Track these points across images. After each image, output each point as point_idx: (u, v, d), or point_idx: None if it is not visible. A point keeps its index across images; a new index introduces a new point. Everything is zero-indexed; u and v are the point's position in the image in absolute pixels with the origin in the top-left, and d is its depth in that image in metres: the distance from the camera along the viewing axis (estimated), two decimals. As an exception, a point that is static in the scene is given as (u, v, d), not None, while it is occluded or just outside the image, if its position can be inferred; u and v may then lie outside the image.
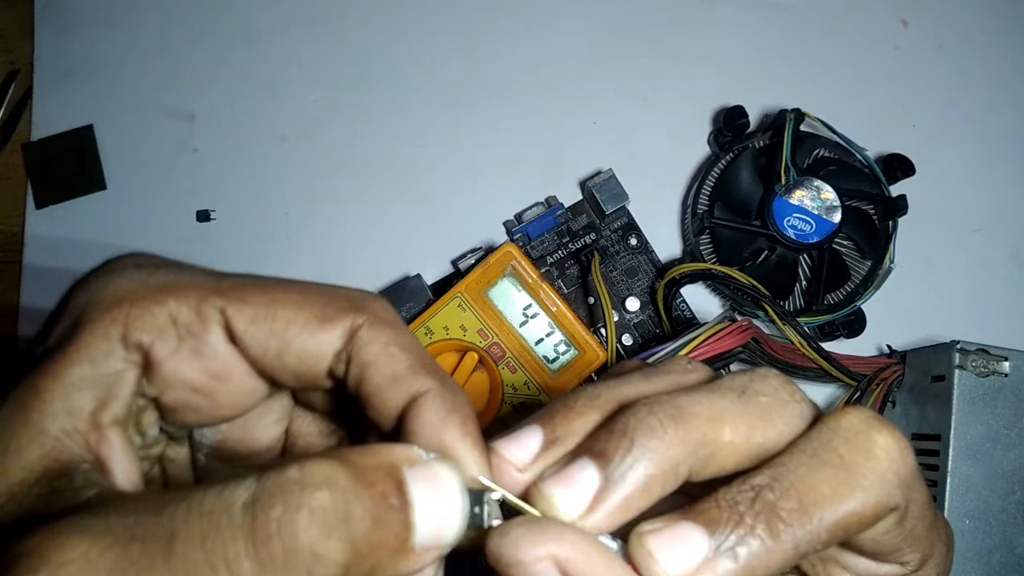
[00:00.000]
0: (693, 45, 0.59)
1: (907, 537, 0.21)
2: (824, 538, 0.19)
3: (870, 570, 0.23)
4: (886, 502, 0.20)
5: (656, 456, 0.19)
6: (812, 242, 0.51)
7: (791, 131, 0.52)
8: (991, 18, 0.62)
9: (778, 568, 0.19)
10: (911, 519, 0.21)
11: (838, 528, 0.19)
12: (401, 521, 0.17)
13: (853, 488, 0.19)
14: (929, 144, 0.57)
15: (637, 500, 0.19)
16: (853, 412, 0.21)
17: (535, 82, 0.58)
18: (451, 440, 0.20)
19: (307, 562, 0.16)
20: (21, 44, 0.57)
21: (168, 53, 0.57)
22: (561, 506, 0.18)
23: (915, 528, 0.21)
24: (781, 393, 0.21)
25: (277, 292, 0.21)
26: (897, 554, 0.22)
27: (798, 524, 0.19)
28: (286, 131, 0.56)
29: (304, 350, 0.21)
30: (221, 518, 0.16)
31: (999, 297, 0.56)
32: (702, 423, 0.19)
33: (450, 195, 0.55)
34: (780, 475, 0.19)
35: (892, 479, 0.20)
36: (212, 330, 0.21)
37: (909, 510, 0.21)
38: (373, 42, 0.58)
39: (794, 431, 0.21)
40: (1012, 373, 0.45)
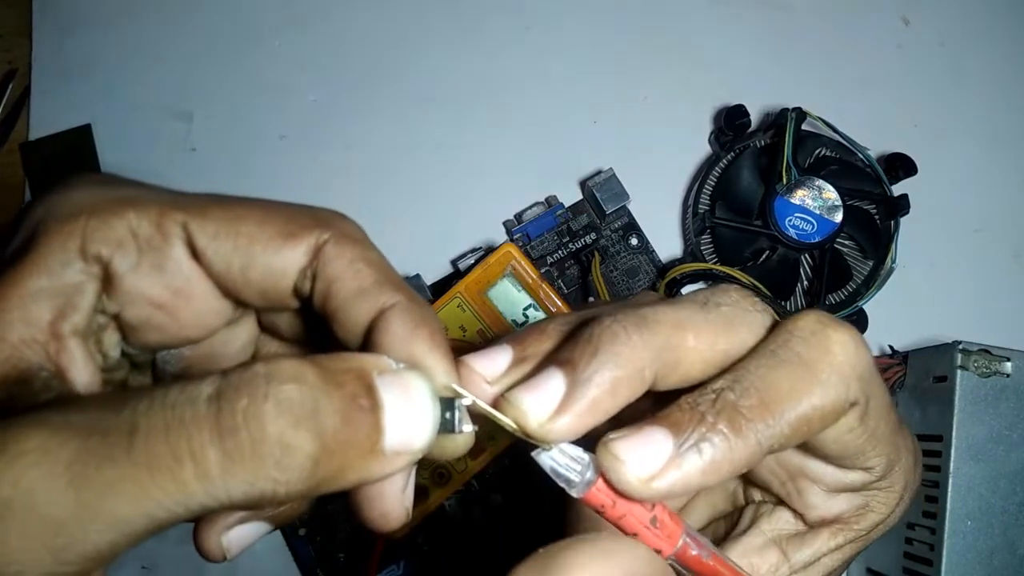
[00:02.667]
0: (694, 45, 0.59)
1: (870, 438, 0.21)
2: (787, 433, 0.19)
3: (837, 479, 0.23)
4: (845, 396, 0.20)
5: (621, 359, 0.19)
6: (814, 242, 0.50)
7: (792, 130, 0.52)
8: (993, 18, 0.62)
9: (743, 464, 0.19)
10: (872, 417, 0.21)
11: (800, 423, 0.19)
12: (371, 423, 0.17)
13: (812, 383, 0.19)
14: (931, 144, 0.57)
15: (604, 403, 0.19)
16: (808, 313, 0.21)
17: (535, 82, 0.58)
18: (420, 351, 0.20)
19: (275, 453, 0.16)
20: (19, 43, 0.57)
21: (166, 53, 0.57)
22: (529, 410, 0.18)
23: (878, 428, 0.21)
24: (742, 303, 0.21)
25: (240, 208, 0.21)
26: (862, 457, 0.22)
27: (760, 419, 0.19)
28: (285, 131, 0.56)
29: (268, 266, 0.21)
30: (185, 411, 0.16)
31: (1001, 297, 0.56)
32: (665, 329, 0.20)
33: (450, 195, 0.55)
34: (740, 376, 0.19)
35: (850, 373, 0.20)
36: (174, 244, 0.20)
37: (870, 406, 0.21)
38: (372, 42, 0.58)
39: (756, 338, 0.21)
40: (1014, 373, 0.45)
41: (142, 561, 0.50)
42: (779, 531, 0.24)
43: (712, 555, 0.20)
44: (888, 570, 0.48)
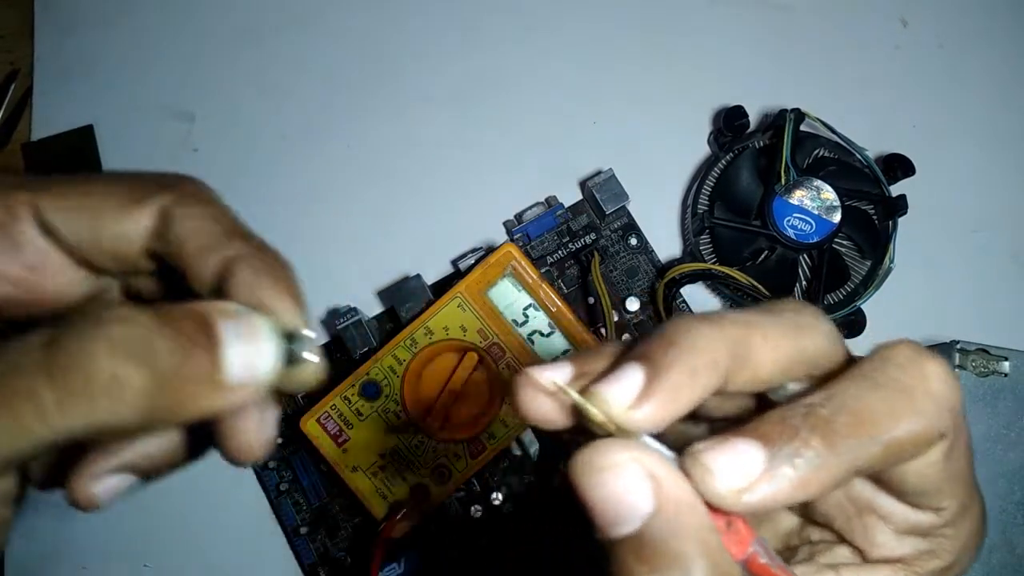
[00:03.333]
0: (693, 45, 0.59)
1: (950, 476, 0.21)
2: (879, 455, 0.19)
3: (907, 518, 0.22)
4: (938, 426, 0.20)
5: (696, 349, 0.19)
6: (812, 242, 0.51)
7: (791, 131, 0.52)
8: (991, 18, 0.62)
9: (834, 482, 0.18)
10: (956, 454, 0.21)
11: (893, 446, 0.19)
12: (209, 357, 0.18)
13: (908, 408, 0.19)
14: (929, 144, 0.57)
15: (684, 390, 0.18)
16: (905, 343, 0.20)
17: (535, 82, 0.58)
18: (265, 295, 0.21)
19: (107, 388, 0.17)
20: (21, 44, 0.57)
21: (168, 53, 0.57)
22: (614, 398, 0.18)
23: (958, 467, 0.21)
24: (805, 310, 0.21)
25: (84, 184, 0.22)
26: (938, 496, 0.21)
27: (854, 437, 0.18)
28: (286, 130, 0.56)
29: (116, 233, 0.22)
30: (19, 358, 0.17)
31: (999, 297, 0.56)
32: (734, 325, 0.19)
33: (450, 195, 0.55)
34: (833, 394, 0.19)
35: (944, 404, 0.20)
36: (23, 222, 0.22)
37: (956, 442, 0.20)
38: (373, 42, 0.58)
39: (823, 345, 0.21)
40: (1012, 373, 0.45)
41: (144, 559, 0.50)
42: (837, 563, 0.24)
43: (780, 567, 0.20)
44: (886, 569, 0.48)
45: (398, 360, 0.46)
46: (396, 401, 0.46)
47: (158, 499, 0.51)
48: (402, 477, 0.46)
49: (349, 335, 0.48)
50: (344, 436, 0.45)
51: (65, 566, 0.50)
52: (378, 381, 0.46)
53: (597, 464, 0.17)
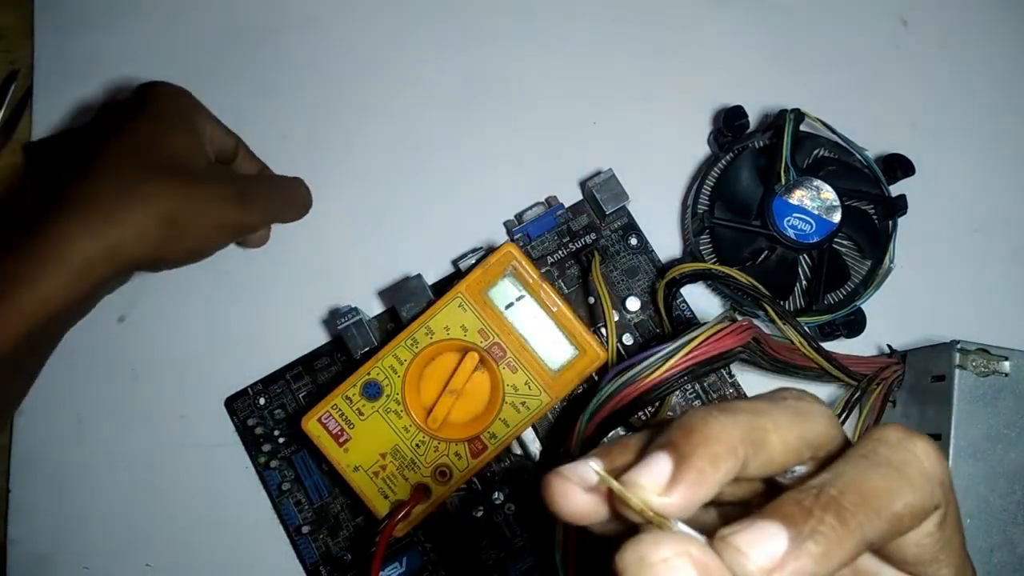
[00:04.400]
0: (693, 45, 0.59)
1: (945, 546, 0.23)
2: (885, 528, 0.20)
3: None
4: (931, 498, 0.22)
5: (715, 436, 0.21)
6: (812, 242, 0.51)
7: (791, 131, 0.52)
8: (992, 18, 0.62)
9: (850, 556, 0.20)
10: (949, 524, 0.23)
11: (896, 519, 0.21)
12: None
13: (904, 484, 0.21)
14: (929, 144, 0.57)
15: (709, 475, 0.20)
16: (891, 426, 0.23)
17: (535, 82, 0.58)
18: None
19: None
20: (21, 44, 0.57)
21: (168, 53, 0.57)
22: (647, 484, 0.20)
23: (952, 537, 0.23)
24: (804, 397, 0.23)
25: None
26: (935, 565, 0.23)
27: (863, 513, 0.20)
28: (286, 130, 0.56)
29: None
30: None
31: (999, 297, 0.56)
32: (747, 414, 0.22)
33: (450, 195, 0.56)
34: (837, 475, 0.21)
35: (935, 478, 0.22)
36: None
37: (948, 513, 0.23)
38: (373, 42, 0.58)
39: (825, 429, 0.23)
40: (1012, 373, 0.45)
41: (146, 559, 0.50)
42: None
43: None
44: (887, 568, 0.48)
45: (399, 360, 0.46)
46: (397, 401, 0.46)
47: (160, 499, 0.51)
48: (403, 476, 0.46)
49: (350, 335, 0.48)
50: (345, 436, 0.45)
51: (66, 566, 0.50)
52: (379, 381, 0.46)
53: (648, 559, 0.18)
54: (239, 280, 0.54)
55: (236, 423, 0.51)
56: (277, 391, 0.51)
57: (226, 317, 0.53)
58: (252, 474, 0.51)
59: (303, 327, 0.53)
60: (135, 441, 0.51)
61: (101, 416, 0.52)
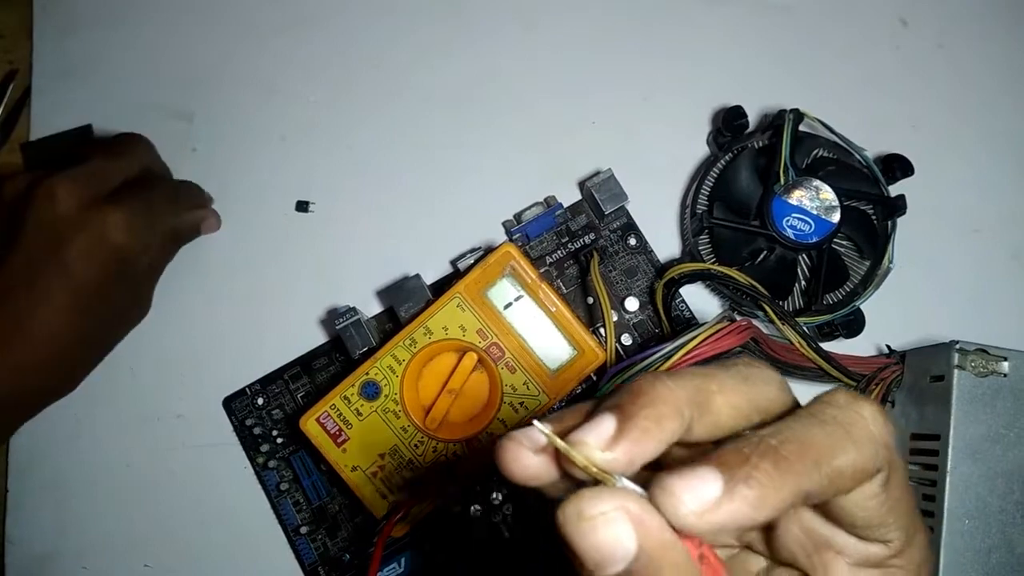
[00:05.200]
0: (693, 45, 0.59)
1: (892, 508, 0.23)
2: (823, 482, 0.21)
3: (860, 551, 0.24)
4: (874, 459, 0.22)
5: (661, 399, 0.21)
6: (811, 242, 0.51)
7: (790, 131, 0.52)
8: (991, 18, 0.62)
9: (785, 502, 0.20)
10: (894, 486, 0.23)
11: (835, 475, 0.21)
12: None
13: (847, 442, 0.21)
14: (928, 144, 0.57)
15: (653, 434, 0.21)
16: (841, 389, 0.23)
17: (534, 82, 0.58)
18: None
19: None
20: (20, 44, 0.57)
21: (167, 53, 0.57)
22: (591, 442, 0.20)
23: (899, 500, 0.23)
24: (753, 363, 0.24)
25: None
26: (883, 528, 0.24)
27: (800, 463, 0.20)
28: (285, 131, 0.56)
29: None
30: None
31: (998, 297, 0.56)
32: (693, 378, 0.22)
33: (449, 195, 0.55)
34: (780, 428, 0.21)
35: (879, 440, 0.22)
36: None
37: (892, 476, 0.23)
38: (373, 42, 0.58)
39: (775, 390, 0.24)
40: (1011, 373, 0.45)
41: (144, 559, 0.50)
42: None
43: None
44: (885, 568, 0.48)
45: (397, 360, 0.46)
46: (395, 401, 0.46)
47: (158, 499, 0.51)
48: (402, 476, 0.46)
49: (348, 335, 0.48)
50: (344, 436, 0.45)
51: (65, 566, 0.50)
52: (377, 381, 0.46)
53: (586, 513, 0.19)
54: (237, 280, 0.54)
55: (234, 423, 0.51)
56: (275, 391, 0.51)
57: (224, 317, 0.53)
58: (250, 474, 0.51)
59: (301, 327, 0.53)
60: (133, 441, 0.51)
61: (99, 416, 0.52)
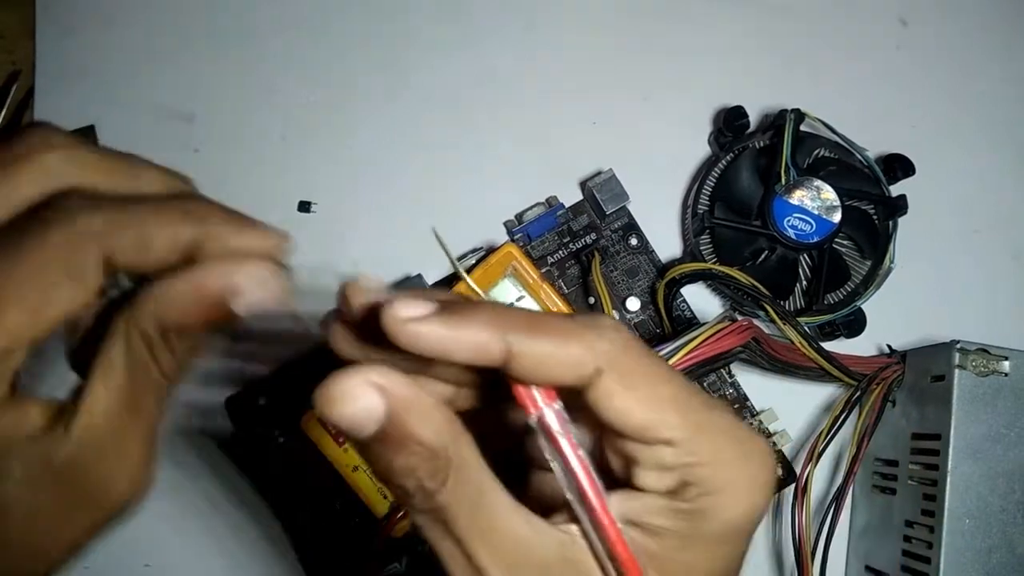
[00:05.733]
0: (694, 45, 0.59)
1: (649, 404, 0.22)
2: (522, 346, 0.21)
3: (649, 457, 0.23)
4: (587, 352, 0.21)
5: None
6: (812, 242, 0.51)
7: (791, 131, 0.52)
8: (992, 18, 0.62)
9: (478, 342, 0.21)
10: (637, 384, 0.22)
11: (534, 345, 0.21)
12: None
13: (563, 325, 0.22)
14: (929, 144, 0.57)
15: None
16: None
17: (535, 82, 0.58)
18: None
19: None
20: (23, 45, 0.57)
21: (169, 53, 0.57)
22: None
23: (653, 397, 0.22)
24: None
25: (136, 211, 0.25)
26: (653, 429, 0.22)
27: (510, 321, 0.21)
28: (286, 131, 0.56)
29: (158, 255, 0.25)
30: None
31: (999, 297, 0.56)
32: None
33: (450, 195, 0.56)
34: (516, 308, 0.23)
35: (602, 337, 0.22)
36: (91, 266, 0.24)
37: (627, 372, 0.22)
38: (373, 42, 0.58)
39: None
40: (1012, 372, 0.45)
41: (145, 559, 0.50)
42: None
43: (567, 434, 0.22)
44: (887, 568, 0.48)
45: (399, 360, 0.46)
46: (397, 401, 0.46)
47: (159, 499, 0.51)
48: (403, 477, 0.45)
49: (350, 335, 0.48)
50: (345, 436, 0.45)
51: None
52: (379, 381, 0.46)
53: (333, 396, 0.21)
54: (239, 280, 0.54)
55: (236, 423, 0.51)
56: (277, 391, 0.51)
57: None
58: (252, 474, 0.51)
59: (303, 327, 0.53)
60: (135, 441, 0.51)
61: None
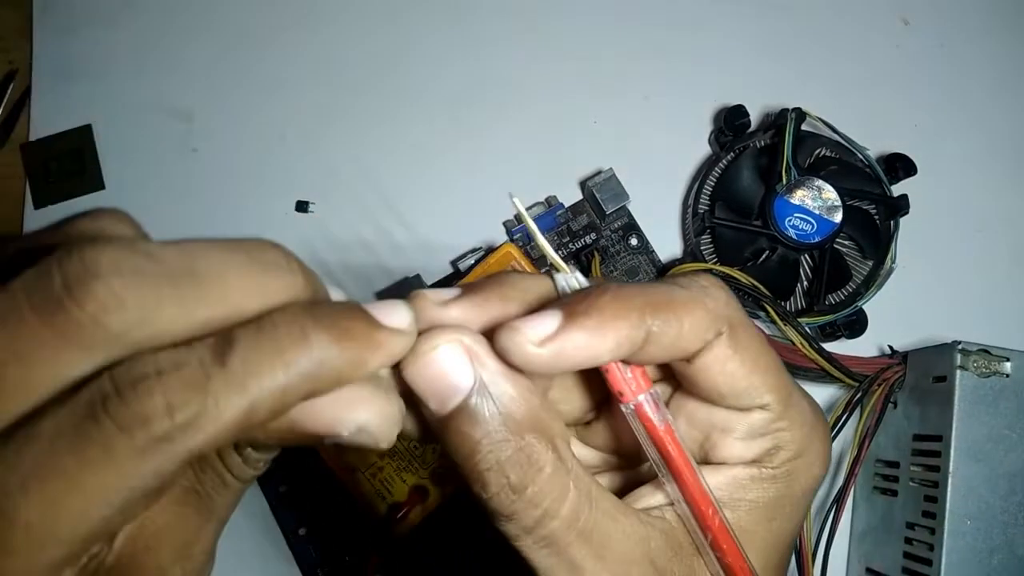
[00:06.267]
0: (694, 44, 0.59)
1: (753, 368, 0.22)
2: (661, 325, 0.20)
3: (742, 423, 0.23)
4: (710, 313, 0.21)
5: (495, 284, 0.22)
6: (813, 242, 0.50)
7: (792, 130, 0.52)
8: (993, 17, 0.62)
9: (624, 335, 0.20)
10: (745, 346, 0.22)
11: (671, 317, 0.21)
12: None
13: (683, 292, 0.21)
14: (931, 144, 0.57)
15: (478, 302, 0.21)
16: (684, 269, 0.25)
17: (535, 81, 0.58)
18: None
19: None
20: (20, 44, 0.57)
21: (167, 53, 0.57)
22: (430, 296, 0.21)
23: (758, 360, 0.22)
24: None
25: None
26: (753, 393, 0.22)
27: (639, 302, 0.20)
28: (285, 130, 0.56)
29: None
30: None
31: (1001, 297, 0.56)
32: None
33: (450, 195, 0.55)
34: (626, 285, 0.21)
35: (718, 298, 0.22)
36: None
37: (739, 335, 0.22)
38: (372, 42, 0.58)
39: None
40: (1014, 374, 0.45)
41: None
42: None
43: (664, 421, 0.22)
44: (888, 570, 0.48)
45: (398, 361, 0.46)
46: (396, 402, 0.45)
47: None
48: (401, 478, 0.45)
49: (348, 336, 0.48)
50: (343, 437, 0.45)
51: (64, 567, 0.50)
52: (378, 382, 0.46)
53: (420, 349, 0.20)
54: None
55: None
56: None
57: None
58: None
59: (302, 327, 0.53)
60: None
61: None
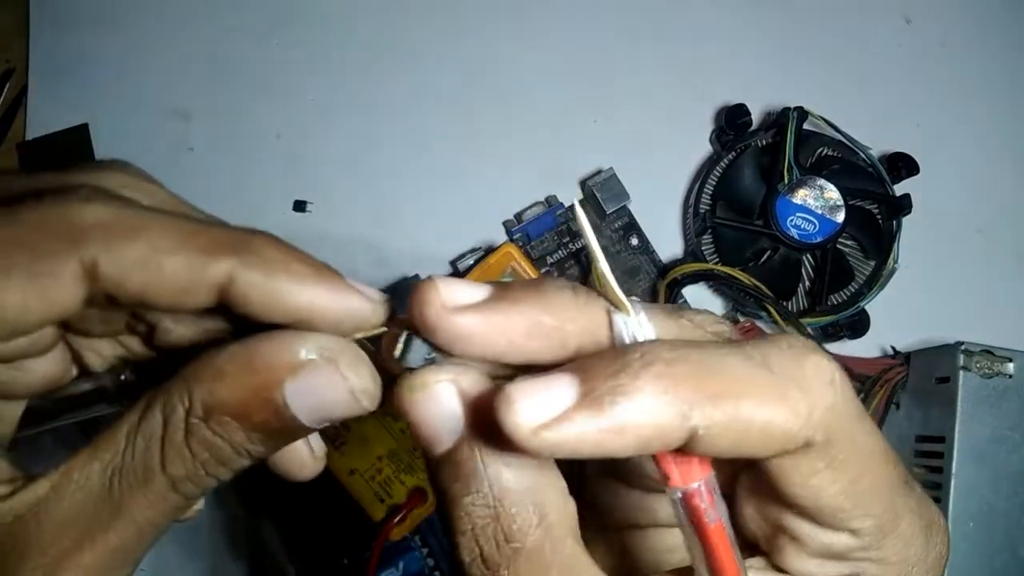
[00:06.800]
0: (695, 43, 0.59)
1: (850, 491, 0.18)
2: (718, 423, 0.15)
3: (821, 541, 0.19)
4: (801, 422, 0.16)
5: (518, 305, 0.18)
6: (815, 242, 0.50)
7: (794, 129, 0.51)
8: (995, 18, 0.61)
9: (656, 431, 0.15)
10: (848, 464, 0.17)
11: (736, 422, 0.16)
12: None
13: (769, 385, 0.16)
14: (933, 143, 0.57)
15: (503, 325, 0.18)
16: (798, 336, 0.18)
17: (536, 81, 0.57)
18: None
19: None
20: (16, 43, 0.57)
21: (164, 52, 0.57)
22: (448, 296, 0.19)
23: (860, 480, 0.18)
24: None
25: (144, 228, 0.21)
26: (843, 515, 0.18)
27: (688, 389, 0.15)
28: (282, 130, 0.56)
29: (179, 287, 0.21)
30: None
31: (1004, 298, 0.56)
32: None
33: (449, 195, 0.55)
34: (684, 345, 0.16)
35: (818, 400, 0.16)
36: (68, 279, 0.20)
37: (840, 449, 0.17)
38: (371, 42, 0.58)
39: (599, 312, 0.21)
40: (1017, 374, 0.45)
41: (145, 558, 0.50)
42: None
43: (717, 518, 0.17)
44: (890, 572, 0.48)
45: (397, 362, 0.45)
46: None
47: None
48: (400, 480, 0.45)
49: (347, 336, 0.47)
50: (341, 439, 0.45)
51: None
52: (377, 383, 0.45)
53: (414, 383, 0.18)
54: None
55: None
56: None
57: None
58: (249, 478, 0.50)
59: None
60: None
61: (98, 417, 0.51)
